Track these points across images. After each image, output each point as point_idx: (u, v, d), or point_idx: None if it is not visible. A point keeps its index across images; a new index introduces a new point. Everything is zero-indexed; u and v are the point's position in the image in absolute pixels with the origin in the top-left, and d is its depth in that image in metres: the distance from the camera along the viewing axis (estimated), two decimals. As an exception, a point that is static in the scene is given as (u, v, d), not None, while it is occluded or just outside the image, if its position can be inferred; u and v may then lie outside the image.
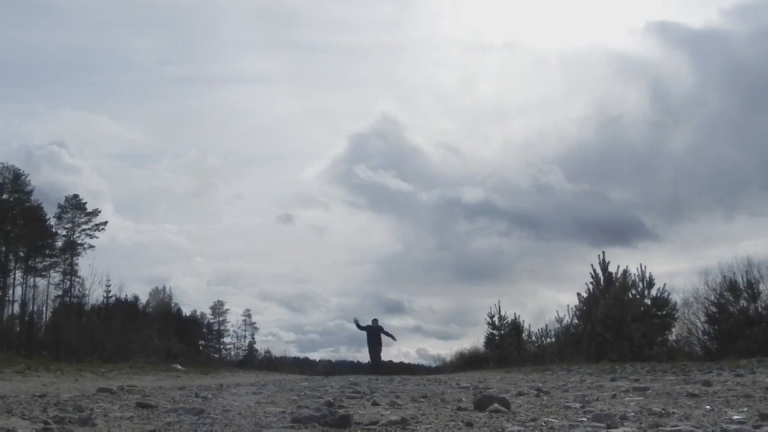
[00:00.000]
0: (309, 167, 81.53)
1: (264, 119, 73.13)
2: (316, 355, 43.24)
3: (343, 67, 78.32)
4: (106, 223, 32.29)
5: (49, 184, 44.90)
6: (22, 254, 28.99)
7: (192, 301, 71.53)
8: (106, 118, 64.26)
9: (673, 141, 49.21)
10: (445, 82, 72.54)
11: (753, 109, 44.29)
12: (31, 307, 26.77)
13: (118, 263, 60.34)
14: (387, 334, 18.98)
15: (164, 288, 36.31)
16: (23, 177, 29.85)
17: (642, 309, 14.32)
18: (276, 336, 55.02)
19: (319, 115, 78.09)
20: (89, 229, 31.66)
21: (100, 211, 32.14)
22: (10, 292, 27.99)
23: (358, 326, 18.95)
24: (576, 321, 16.25)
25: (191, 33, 72.53)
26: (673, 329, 14.82)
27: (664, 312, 14.46)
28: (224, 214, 63.57)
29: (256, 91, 73.01)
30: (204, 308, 41.70)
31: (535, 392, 4.93)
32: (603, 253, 15.52)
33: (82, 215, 31.63)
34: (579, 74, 65.41)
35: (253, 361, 34.76)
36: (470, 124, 71.89)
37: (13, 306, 27.17)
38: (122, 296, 29.15)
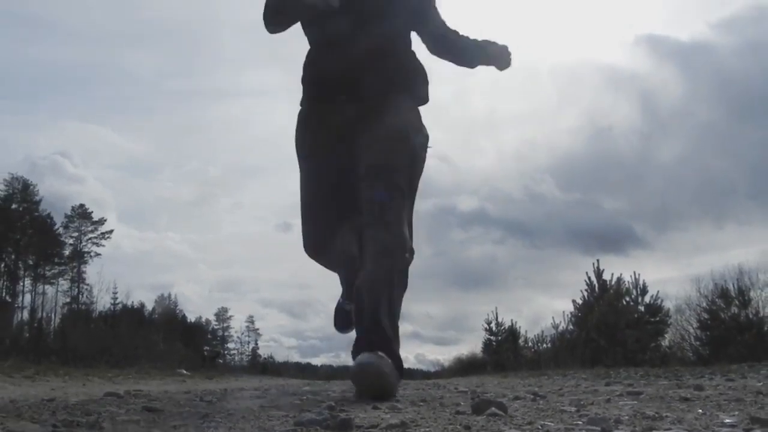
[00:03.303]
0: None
1: (263, 131, 73.62)
2: (317, 361, 43.43)
3: (341, 79, 78.28)
4: (111, 231, 32.53)
5: (52, 193, 45.17)
6: (31, 262, 29.26)
7: (195, 307, 71.66)
8: (109, 130, 64.68)
9: (662, 151, 49.57)
10: (439, 94, 72.70)
11: (740, 120, 44.70)
12: (40, 314, 26.92)
13: (122, 271, 60.63)
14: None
15: (169, 295, 36.50)
16: (32, 187, 30.17)
17: (636, 315, 14.43)
18: (277, 342, 55.29)
19: (317, 127, 78.22)
20: (95, 237, 31.91)
21: (105, 220, 32.41)
22: (20, 299, 28.22)
23: None
24: (571, 327, 16.34)
25: (192, 47, 73.32)
26: (666, 335, 14.97)
27: (657, 318, 14.59)
28: (225, 222, 63.95)
29: (256, 103, 73.51)
30: (207, 314, 41.89)
31: (532, 396, 4.97)
32: (597, 261, 15.62)
33: (89, 224, 31.89)
34: (570, 86, 65.97)
35: (262, 365, 34.85)
36: (464, 135, 72.33)
37: (22, 313, 27.34)
38: (129, 303, 29.35)
